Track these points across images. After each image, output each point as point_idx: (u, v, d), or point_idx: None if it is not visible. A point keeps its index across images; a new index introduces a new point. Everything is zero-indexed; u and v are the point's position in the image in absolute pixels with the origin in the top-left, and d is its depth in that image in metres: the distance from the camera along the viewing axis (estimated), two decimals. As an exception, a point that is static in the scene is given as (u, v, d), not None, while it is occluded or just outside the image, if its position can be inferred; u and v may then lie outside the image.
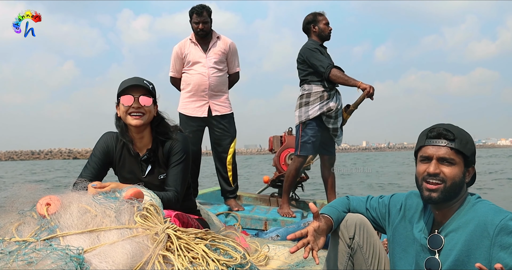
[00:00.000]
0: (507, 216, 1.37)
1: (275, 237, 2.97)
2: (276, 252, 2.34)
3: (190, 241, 1.30)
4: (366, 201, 1.84)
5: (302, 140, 3.58)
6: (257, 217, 3.51)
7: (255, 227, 3.47)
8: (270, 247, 2.38)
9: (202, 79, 3.64)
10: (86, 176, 1.99)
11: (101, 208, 1.26)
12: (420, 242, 1.56)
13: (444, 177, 1.45)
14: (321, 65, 3.48)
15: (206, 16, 3.63)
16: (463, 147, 1.46)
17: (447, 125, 1.53)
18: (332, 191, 3.78)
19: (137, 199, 1.38)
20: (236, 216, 3.51)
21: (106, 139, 2.11)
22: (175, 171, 2.09)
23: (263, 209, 3.91)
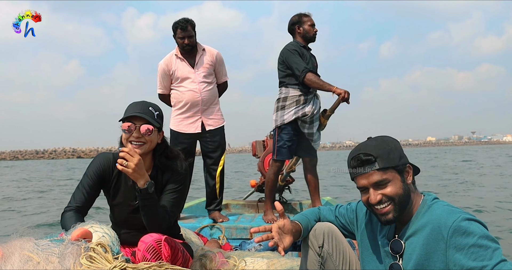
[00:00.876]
0: (459, 217, 1.36)
1: (258, 246, 2.95)
2: (254, 266, 2.33)
3: (140, 277, 1.28)
4: (335, 209, 1.87)
5: (278, 145, 3.57)
6: (241, 226, 3.50)
7: (241, 236, 3.46)
8: (248, 260, 2.37)
9: (194, 95, 3.60)
10: (77, 202, 1.93)
11: (44, 254, 1.24)
12: (383, 248, 1.57)
13: (388, 198, 1.46)
14: (297, 68, 3.44)
15: (190, 30, 3.56)
16: (387, 162, 1.45)
17: (363, 147, 1.51)
18: (316, 193, 3.76)
19: (84, 239, 1.36)
20: (221, 227, 3.49)
21: (102, 161, 2.04)
22: (169, 198, 2.04)
23: (248, 217, 3.90)
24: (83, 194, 1.97)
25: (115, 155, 2.05)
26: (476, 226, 1.34)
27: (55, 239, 1.33)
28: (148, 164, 2.05)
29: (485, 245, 1.30)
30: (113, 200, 2.08)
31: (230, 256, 2.43)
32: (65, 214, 1.90)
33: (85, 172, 2.03)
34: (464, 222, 1.34)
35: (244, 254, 2.56)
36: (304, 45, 3.64)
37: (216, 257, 2.34)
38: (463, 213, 1.38)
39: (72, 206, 1.94)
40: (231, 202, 4.73)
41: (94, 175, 2.00)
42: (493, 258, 1.28)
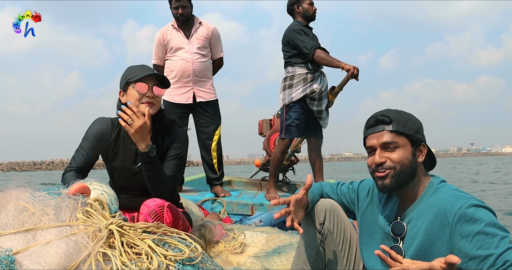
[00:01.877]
0: (466, 203, 1.30)
1: (258, 222, 2.93)
2: (253, 239, 2.31)
3: (136, 236, 1.25)
4: (337, 186, 1.82)
5: (286, 123, 3.52)
6: (243, 202, 3.48)
7: (242, 212, 3.44)
8: (248, 234, 2.35)
9: (186, 65, 3.59)
10: (78, 163, 1.96)
11: (40, 205, 1.21)
12: (384, 229, 1.53)
13: (391, 163, 1.42)
14: (305, 46, 3.40)
15: (185, 1, 3.57)
16: (402, 127, 1.42)
17: (384, 110, 1.49)
18: (320, 174, 3.72)
19: (82, 194, 1.33)
20: (222, 202, 3.48)
21: (101, 125, 2.05)
22: (171, 164, 2.05)
23: (250, 194, 3.88)
24: (83, 156, 1.98)
25: (113, 120, 2.08)
26: (484, 212, 1.28)
27: (52, 192, 1.30)
28: (148, 128, 2.04)
29: (492, 232, 1.24)
30: (112, 164, 2.07)
31: (229, 229, 2.41)
32: (66, 174, 1.91)
33: (83, 136, 2.04)
34: (471, 209, 1.28)
35: (244, 228, 2.54)
36: (306, 25, 3.59)
37: (215, 228, 2.32)
38: (471, 199, 1.32)
39: (72, 166, 1.95)
40: (234, 179, 4.72)
41: (93, 137, 2.01)
42: (500, 246, 1.22)
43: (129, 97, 1.97)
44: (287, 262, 2.04)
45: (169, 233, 1.36)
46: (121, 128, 2.06)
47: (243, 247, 2.22)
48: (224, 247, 2.20)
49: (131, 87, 1.96)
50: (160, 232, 1.33)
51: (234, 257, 2.16)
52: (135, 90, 1.94)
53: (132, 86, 1.95)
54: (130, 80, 1.96)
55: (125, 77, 2.00)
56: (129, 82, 1.97)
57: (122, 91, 2.01)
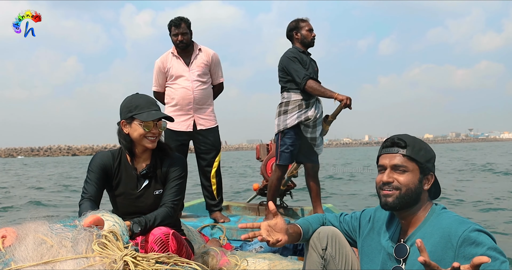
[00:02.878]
0: (469, 227, 1.38)
1: (259, 248, 2.96)
2: (256, 266, 2.34)
3: (150, 266, 1.30)
4: (340, 216, 1.90)
5: (280, 149, 3.58)
6: None
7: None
8: (250, 260, 2.38)
9: (186, 93, 3.63)
10: (90, 192, 2.04)
11: (58, 238, 1.26)
12: (387, 250, 1.59)
13: (398, 184, 1.50)
14: (298, 76, 3.46)
15: (184, 27, 3.61)
16: (415, 154, 1.51)
17: (403, 134, 1.58)
18: (318, 199, 3.77)
19: (96, 226, 1.38)
20: (222, 227, 3.50)
21: (102, 157, 2.14)
22: (172, 186, 2.14)
23: (250, 219, 3.90)
24: (93, 186, 2.06)
25: (113, 152, 2.19)
26: (485, 237, 1.36)
27: (68, 225, 1.35)
28: (148, 154, 2.17)
29: (494, 256, 1.32)
30: (116, 191, 2.16)
31: (231, 255, 2.44)
32: (82, 205, 1.97)
33: (88, 169, 2.13)
34: (474, 233, 1.36)
35: (245, 254, 2.57)
36: (303, 51, 3.65)
37: (218, 255, 2.35)
38: (473, 224, 1.40)
39: (86, 196, 2.03)
40: (232, 204, 4.74)
41: (97, 169, 2.10)
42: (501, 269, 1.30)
43: (133, 131, 2.06)
44: (290, 289, 2.07)
45: (180, 263, 1.41)
46: (122, 157, 2.17)
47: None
48: (227, 274, 2.23)
49: (136, 123, 2.05)
50: (172, 262, 1.38)
51: (238, 284, 2.19)
52: (142, 127, 2.03)
53: (139, 123, 2.04)
54: (136, 116, 2.04)
55: (130, 110, 2.07)
56: (134, 117, 2.05)
57: (125, 122, 2.08)
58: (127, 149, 2.12)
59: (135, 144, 2.12)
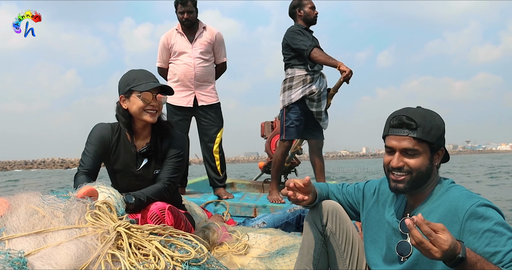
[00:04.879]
0: (477, 202, 1.34)
1: (261, 224, 2.96)
2: (257, 241, 2.34)
3: (144, 238, 1.28)
4: (342, 187, 1.85)
5: (285, 125, 3.56)
6: (246, 204, 3.51)
7: (245, 214, 3.47)
8: (251, 235, 2.38)
9: (188, 69, 3.64)
10: (87, 165, 2.01)
11: (50, 208, 1.24)
12: (392, 225, 1.55)
13: (409, 168, 1.43)
14: (303, 44, 3.45)
15: (190, 6, 3.62)
16: (426, 136, 1.42)
17: (411, 111, 1.46)
18: (322, 176, 3.76)
19: (90, 197, 1.36)
20: (225, 204, 3.51)
21: (102, 130, 2.09)
22: (169, 163, 2.10)
23: (253, 196, 3.91)
24: (91, 159, 2.03)
25: (113, 125, 2.14)
26: (493, 212, 1.32)
27: (61, 196, 1.33)
28: (148, 132, 2.12)
29: (500, 231, 1.28)
30: (114, 167, 2.12)
31: (233, 230, 2.44)
32: (78, 177, 1.97)
33: (86, 141, 2.08)
34: (481, 207, 1.32)
35: (247, 230, 2.56)
36: (306, 28, 3.64)
37: (219, 230, 2.35)
38: (482, 199, 1.36)
39: (83, 170, 2.00)
40: (236, 181, 4.75)
41: (95, 141, 2.06)
42: (507, 244, 1.26)
43: (131, 104, 2.01)
44: (291, 263, 2.07)
45: (175, 234, 1.39)
46: (121, 132, 2.12)
47: (247, 248, 2.25)
48: (228, 249, 2.23)
49: (135, 95, 2.00)
50: (167, 233, 1.36)
51: (238, 258, 2.19)
52: (141, 99, 1.98)
53: (137, 95, 1.99)
54: (134, 88, 1.99)
55: (128, 84, 2.02)
56: (132, 89, 2.00)
57: (124, 96, 2.04)
58: (126, 125, 2.06)
59: (134, 120, 2.07)
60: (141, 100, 1.98)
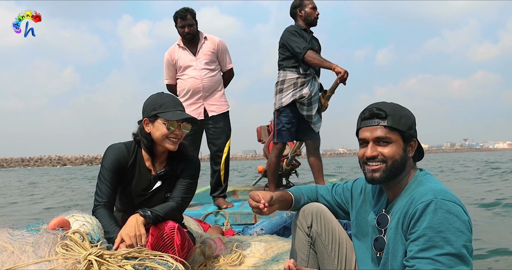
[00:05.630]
0: (429, 198, 1.29)
1: (260, 231, 2.93)
2: (252, 250, 2.31)
3: (117, 263, 1.27)
4: (332, 188, 1.85)
5: (277, 128, 3.56)
6: (246, 211, 3.49)
7: (245, 221, 3.45)
8: (246, 244, 2.36)
9: (195, 82, 3.66)
10: (105, 195, 1.91)
11: (18, 244, 1.24)
12: (371, 222, 1.55)
13: (383, 157, 1.43)
14: (298, 46, 3.44)
15: (190, 19, 3.63)
16: (396, 123, 1.41)
17: (380, 103, 1.48)
18: (320, 175, 3.73)
19: (61, 228, 1.36)
20: (225, 214, 3.49)
21: (118, 154, 2.02)
22: (183, 183, 2.08)
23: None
24: (108, 187, 1.93)
25: (127, 145, 2.07)
26: (439, 215, 1.25)
27: (32, 229, 1.33)
28: (166, 155, 2.09)
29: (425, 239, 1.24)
30: (126, 188, 2.06)
31: (228, 241, 2.42)
32: (99, 213, 1.84)
33: (102, 166, 2.00)
34: (430, 206, 1.27)
35: (243, 239, 2.54)
36: (305, 28, 3.62)
37: (214, 244, 2.33)
38: (441, 195, 1.29)
39: (101, 202, 1.90)
40: (238, 189, 4.73)
41: (112, 166, 1.97)
42: (421, 252, 1.24)
43: (155, 130, 1.96)
44: None
45: (152, 256, 1.38)
46: (137, 154, 2.07)
47: (242, 258, 2.23)
48: (223, 261, 2.21)
49: (160, 122, 1.94)
50: (142, 256, 1.35)
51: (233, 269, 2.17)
52: (166, 127, 1.93)
53: (163, 122, 1.94)
54: (160, 114, 1.94)
55: (154, 108, 1.97)
56: (158, 115, 1.95)
57: (148, 120, 1.99)
58: (148, 149, 2.02)
59: (155, 144, 2.02)
60: (166, 128, 1.94)
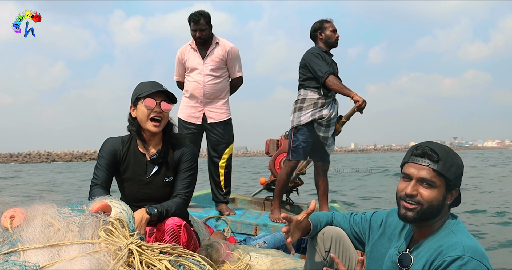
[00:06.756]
0: (456, 255, 1.32)
1: (262, 243, 2.95)
2: (259, 261, 2.33)
3: (154, 256, 1.30)
4: (350, 216, 1.85)
5: (293, 145, 3.59)
6: (247, 221, 3.51)
7: (245, 231, 3.47)
8: (253, 255, 2.37)
9: (197, 86, 3.69)
10: (101, 178, 2.05)
11: (65, 222, 1.26)
12: (392, 258, 1.55)
13: (421, 199, 1.42)
14: (320, 70, 3.49)
15: (203, 24, 3.63)
16: (446, 171, 1.41)
17: (436, 144, 1.48)
18: (324, 198, 3.76)
19: (103, 212, 1.38)
20: (227, 220, 3.51)
21: (112, 143, 2.15)
22: (184, 177, 2.15)
23: (255, 214, 3.91)
24: (104, 172, 2.07)
25: (123, 138, 2.19)
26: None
27: (76, 209, 1.36)
28: (158, 139, 2.17)
29: None
30: (123, 176, 2.16)
31: (235, 249, 2.44)
32: (93, 190, 2.00)
33: (98, 155, 2.14)
34: (456, 262, 1.31)
35: (249, 249, 2.56)
36: (326, 51, 3.68)
37: (222, 249, 2.35)
38: (468, 252, 1.33)
39: (97, 182, 2.04)
40: (238, 197, 4.75)
41: (106, 155, 2.11)
42: None
43: (138, 112, 2.09)
44: (292, 287, 2.07)
45: (184, 254, 1.41)
46: (131, 142, 2.17)
47: (248, 268, 2.25)
48: (229, 268, 2.23)
49: (140, 103, 2.07)
50: (176, 253, 1.38)
51: (239, 278, 2.18)
52: (144, 105, 2.05)
53: (141, 102, 2.06)
54: (139, 96, 2.07)
55: (136, 93, 2.11)
56: (139, 97, 2.07)
57: (133, 106, 2.12)
58: (136, 133, 2.13)
59: (143, 129, 2.12)
60: (144, 107, 2.04)
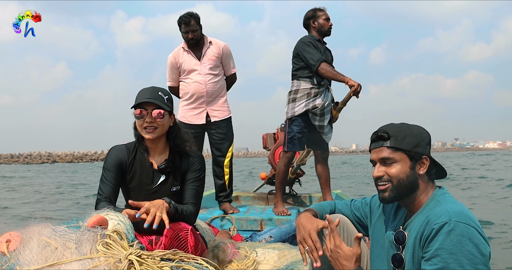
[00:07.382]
0: (443, 220, 1.34)
1: (268, 238, 2.96)
2: (266, 256, 2.34)
3: (155, 264, 1.30)
4: (351, 203, 1.89)
5: (288, 136, 3.59)
6: (252, 218, 3.51)
7: (251, 228, 3.47)
8: (260, 251, 2.38)
9: (199, 86, 3.67)
10: (106, 193, 2.00)
11: (62, 240, 1.26)
12: (389, 238, 1.58)
13: (388, 177, 1.49)
14: (311, 58, 3.47)
15: (194, 24, 3.62)
16: (399, 143, 1.49)
17: (386, 125, 1.56)
18: (327, 186, 3.77)
19: (100, 226, 1.38)
20: (231, 219, 3.51)
21: (117, 152, 2.10)
22: (193, 186, 2.12)
23: (259, 209, 3.91)
24: (110, 186, 2.02)
25: (128, 146, 2.14)
26: (449, 237, 1.31)
27: (72, 226, 1.35)
28: (162, 148, 2.12)
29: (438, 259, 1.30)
30: (130, 185, 2.11)
31: (241, 247, 2.44)
32: (100, 204, 1.95)
33: (103, 167, 2.08)
34: (444, 227, 1.32)
35: (255, 245, 2.57)
36: (318, 39, 3.66)
37: (228, 248, 2.36)
38: (454, 217, 1.34)
39: (102, 197, 1.99)
40: (241, 194, 4.75)
41: (112, 167, 2.06)
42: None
43: (137, 123, 2.05)
44: (301, 278, 2.07)
45: (186, 259, 1.40)
46: (137, 152, 2.12)
47: (256, 264, 2.25)
48: (237, 266, 2.23)
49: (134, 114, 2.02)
50: (177, 258, 1.38)
51: (248, 275, 2.19)
52: (134, 116, 2.01)
53: (133, 113, 2.02)
54: (132, 106, 2.02)
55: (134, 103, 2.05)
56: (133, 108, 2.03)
57: (134, 116, 2.06)
58: (139, 142, 2.10)
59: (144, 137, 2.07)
60: (135, 117, 2.01)
